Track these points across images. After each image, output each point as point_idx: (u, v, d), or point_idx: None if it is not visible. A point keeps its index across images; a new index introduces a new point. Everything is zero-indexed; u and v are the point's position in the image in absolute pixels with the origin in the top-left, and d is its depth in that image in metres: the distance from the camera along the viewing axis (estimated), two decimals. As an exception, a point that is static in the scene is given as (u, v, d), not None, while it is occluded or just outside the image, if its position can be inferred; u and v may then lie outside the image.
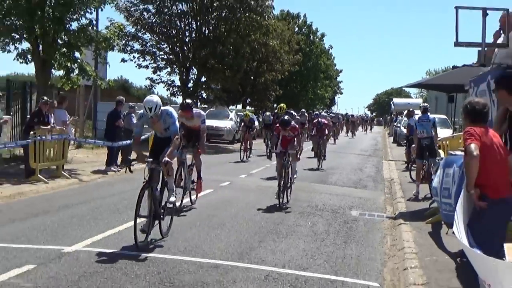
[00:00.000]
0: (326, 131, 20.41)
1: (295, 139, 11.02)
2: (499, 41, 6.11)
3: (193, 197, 10.67)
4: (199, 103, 25.17)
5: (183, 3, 23.98)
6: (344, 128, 41.59)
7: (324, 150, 19.45)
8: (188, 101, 10.41)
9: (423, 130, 12.26)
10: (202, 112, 11.37)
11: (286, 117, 11.96)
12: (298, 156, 11.72)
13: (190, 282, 6.05)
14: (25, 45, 14.64)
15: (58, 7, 14.41)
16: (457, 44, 5.76)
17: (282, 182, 10.32)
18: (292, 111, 15.09)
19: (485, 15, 5.90)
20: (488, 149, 4.24)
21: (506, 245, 3.39)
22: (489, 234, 3.94)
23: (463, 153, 5.02)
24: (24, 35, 14.60)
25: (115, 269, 6.33)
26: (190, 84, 25.60)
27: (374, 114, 59.23)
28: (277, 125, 12.02)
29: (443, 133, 14.14)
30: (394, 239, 8.86)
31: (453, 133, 13.82)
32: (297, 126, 12.11)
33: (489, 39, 6.57)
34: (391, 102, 43.95)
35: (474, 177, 4.08)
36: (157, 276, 6.18)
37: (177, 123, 7.51)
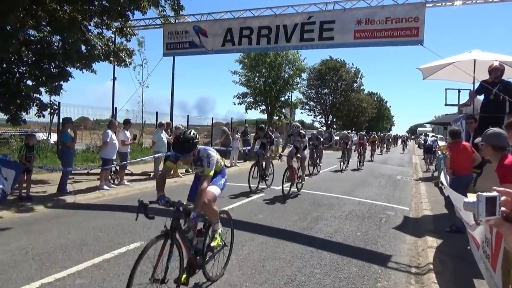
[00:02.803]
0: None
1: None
2: (469, 101, 8.66)
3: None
4: (333, 130, 45.07)
5: (326, 89, 55.48)
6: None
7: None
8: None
9: (430, 142, 19.15)
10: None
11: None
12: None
13: (325, 203, 8.78)
14: (262, 107, 28.59)
15: (276, 92, 28.34)
16: (446, 105, 9.11)
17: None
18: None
19: (459, 92, 9.00)
20: (456, 152, 6.48)
21: (469, 194, 4.88)
22: (459, 188, 5.79)
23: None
24: (263, 103, 28.49)
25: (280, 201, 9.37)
26: (329, 122, 54.53)
27: (409, 134, 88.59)
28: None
29: (441, 143, 20.68)
30: (416, 189, 11.57)
31: (445, 143, 18.72)
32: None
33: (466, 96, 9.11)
34: (417, 129, 77.27)
35: (448, 166, 6.53)
36: (311, 199, 9.16)
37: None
